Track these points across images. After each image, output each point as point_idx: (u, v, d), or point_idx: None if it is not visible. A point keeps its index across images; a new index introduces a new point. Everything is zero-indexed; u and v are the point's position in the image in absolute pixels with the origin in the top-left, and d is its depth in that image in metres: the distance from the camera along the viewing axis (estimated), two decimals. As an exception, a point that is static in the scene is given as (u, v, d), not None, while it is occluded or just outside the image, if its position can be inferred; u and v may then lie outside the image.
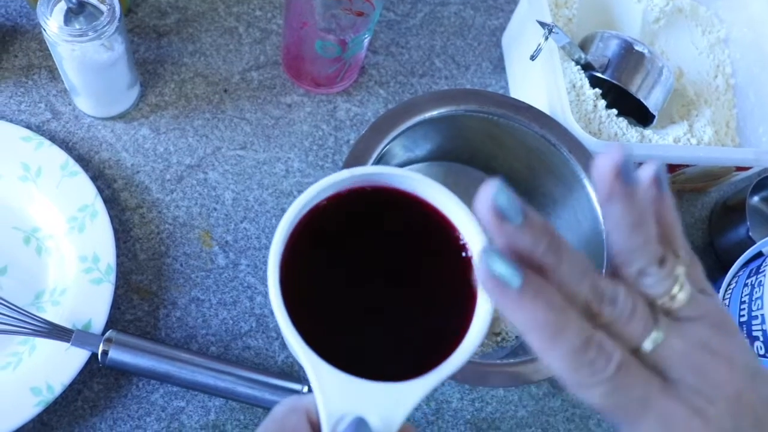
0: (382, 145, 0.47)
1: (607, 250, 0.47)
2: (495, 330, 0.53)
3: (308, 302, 0.26)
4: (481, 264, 0.23)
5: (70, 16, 0.46)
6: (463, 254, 0.28)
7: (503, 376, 0.43)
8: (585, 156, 0.49)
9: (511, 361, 0.44)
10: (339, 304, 0.28)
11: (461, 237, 0.28)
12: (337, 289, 0.28)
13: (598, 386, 0.23)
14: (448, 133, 0.53)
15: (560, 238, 0.24)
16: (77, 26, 0.46)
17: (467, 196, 0.56)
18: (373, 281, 0.28)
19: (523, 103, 0.50)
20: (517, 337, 0.53)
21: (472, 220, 0.27)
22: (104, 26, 0.46)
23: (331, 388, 0.25)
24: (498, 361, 0.44)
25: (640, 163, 0.55)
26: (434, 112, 0.48)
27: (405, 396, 0.25)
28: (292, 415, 0.26)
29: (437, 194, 0.28)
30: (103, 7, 0.46)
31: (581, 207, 0.50)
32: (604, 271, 0.47)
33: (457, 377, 0.42)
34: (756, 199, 0.62)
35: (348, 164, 0.45)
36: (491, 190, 0.23)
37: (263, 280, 0.53)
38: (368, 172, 0.27)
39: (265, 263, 0.53)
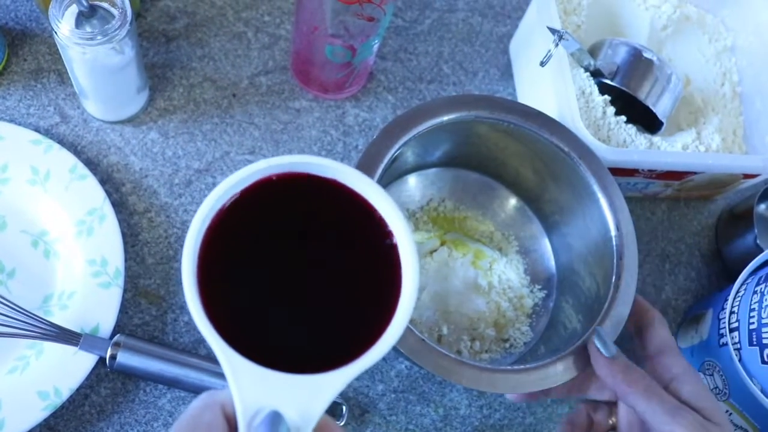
0: (393, 149, 0.46)
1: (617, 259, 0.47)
2: (503, 336, 0.53)
3: (226, 295, 0.26)
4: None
5: (81, 19, 0.46)
6: (387, 242, 0.27)
7: (510, 382, 0.43)
8: (595, 162, 0.49)
9: (519, 367, 0.43)
10: (258, 296, 0.27)
11: (385, 224, 0.27)
12: (256, 281, 0.27)
13: None
14: (457, 139, 0.53)
15: None
16: (88, 29, 0.46)
17: (475, 202, 0.56)
18: (295, 271, 0.28)
19: (533, 109, 0.50)
20: (525, 344, 0.53)
21: (394, 207, 0.27)
22: (115, 30, 0.46)
23: (247, 381, 0.24)
24: (506, 367, 0.44)
25: (651, 171, 0.55)
26: (445, 117, 0.48)
27: (323, 388, 0.24)
28: (206, 410, 0.25)
29: (358, 181, 0.27)
30: (115, 11, 0.46)
31: (590, 213, 0.50)
32: (613, 277, 0.47)
33: (464, 382, 0.42)
34: (763, 206, 0.62)
35: (360, 167, 0.44)
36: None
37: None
38: (284, 162, 0.27)
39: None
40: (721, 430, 0.38)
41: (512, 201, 0.57)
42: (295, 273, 0.28)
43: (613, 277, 0.46)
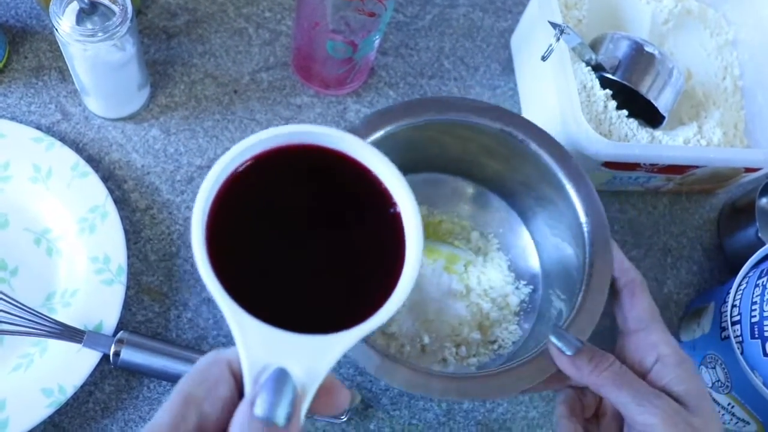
0: None
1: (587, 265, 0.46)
2: (489, 338, 0.51)
3: (235, 257, 0.27)
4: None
5: (82, 16, 0.46)
6: (391, 210, 0.28)
7: (480, 388, 0.41)
8: (554, 147, 0.48)
9: (488, 372, 0.42)
10: (266, 259, 0.28)
11: (388, 192, 0.28)
12: (264, 245, 0.28)
13: None
14: (417, 144, 0.51)
15: None
16: (89, 26, 0.46)
17: (449, 204, 0.56)
18: (302, 237, 0.29)
19: (484, 103, 0.49)
20: (514, 343, 0.51)
21: (398, 176, 0.28)
22: (116, 27, 0.46)
23: (254, 339, 0.25)
24: (475, 373, 0.43)
25: (652, 165, 0.54)
26: (393, 126, 0.46)
27: (329, 348, 0.25)
28: (213, 366, 0.26)
29: (363, 151, 0.28)
30: (116, 8, 0.46)
31: (561, 201, 0.48)
32: (586, 265, 0.45)
33: (433, 395, 0.41)
34: (765, 200, 0.62)
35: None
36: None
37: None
38: (292, 131, 0.27)
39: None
40: (694, 415, 0.36)
41: (486, 198, 0.55)
42: (303, 239, 0.29)
43: (586, 265, 0.45)
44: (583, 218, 0.46)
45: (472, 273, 0.53)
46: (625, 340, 0.41)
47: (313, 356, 0.25)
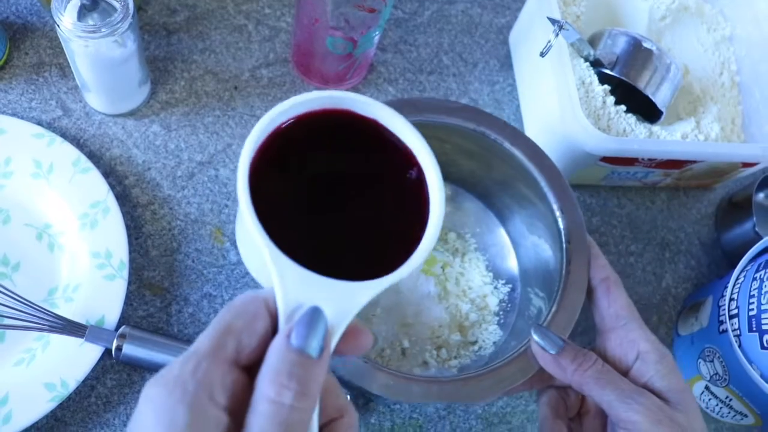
0: None
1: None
2: (470, 339, 0.51)
3: (274, 207, 0.28)
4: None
5: (83, 12, 0.46)
6: (416, 173, 0.31)
7: (461, 391, 0.41)
8: (528, 145, 0.48)
9: (469, 375, 0.42)
10: (302, 211, 0.30)
11: (414, 156, 0.31)
12: (301, 198, 0.30)
13: None
14: None
15: None
16: (91, 22, 0.46)
17: None
18: (336, 193, 0.31)
19: (457, 103, 0.49)
20: (494, 343, 0.51)
21: (422, 141, 0.30)
22: (118, 23, 0.46)
23: (290, 279, 0.27)
24: (456, 376, 0.42)
25: (650, 160, 0.55)
26: None
27: (357, 294, 0.27)
28: (251, 303, 0.27)
29: (392, 119, 0.31)
30: (117, 4, 0.46)
31: (537, 198, 0.49)
32: (564, 262, 0.45)
33: (413, 400, 0.41)
34: (762, 195, 0.63)
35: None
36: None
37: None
38: (329, 96, 0.30)
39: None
40: (676, 410, 0.37)
41: (463, 198, 0.55)
42: (336, 195, 0.31)
43: (564, 263, 0.45)
44: (558, 215, 0.47)
45: (450, 274, 0.53)
46: (603, 338, 0.41)
47: (342, 299, 0.27)
